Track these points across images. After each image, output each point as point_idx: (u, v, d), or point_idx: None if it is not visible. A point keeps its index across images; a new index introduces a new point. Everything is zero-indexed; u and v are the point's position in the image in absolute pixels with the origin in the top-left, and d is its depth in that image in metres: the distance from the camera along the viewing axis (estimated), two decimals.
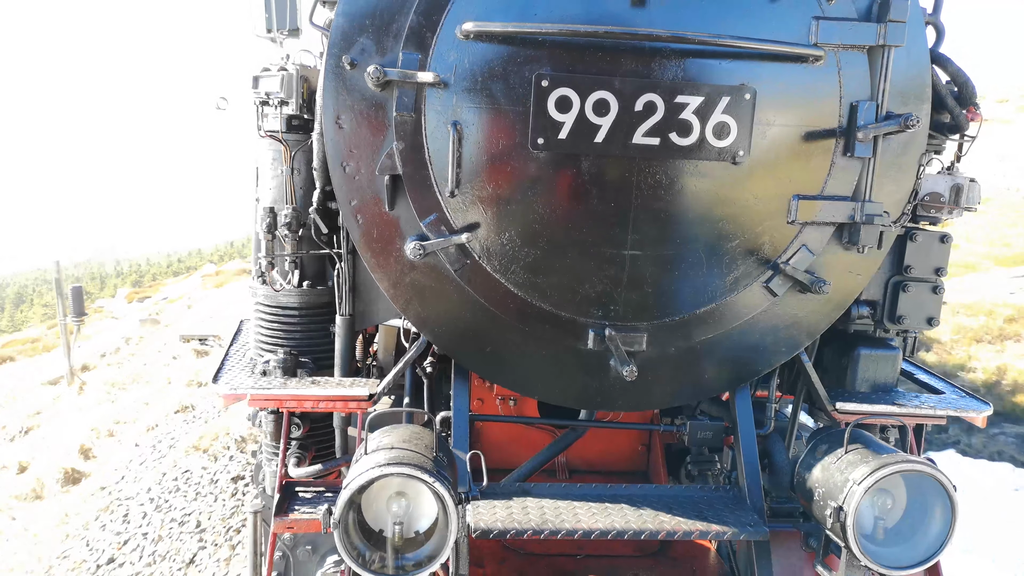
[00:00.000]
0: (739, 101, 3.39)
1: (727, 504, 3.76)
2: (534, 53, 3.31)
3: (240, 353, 4.66)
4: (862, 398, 4.11)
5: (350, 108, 3.44)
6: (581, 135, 3.36)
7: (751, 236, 3.64)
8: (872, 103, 3.52)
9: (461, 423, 3.79)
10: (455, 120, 3.36)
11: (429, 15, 3.33)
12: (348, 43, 3.39)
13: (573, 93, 3.31)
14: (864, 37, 3.49)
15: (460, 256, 3.55)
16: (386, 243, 3.58)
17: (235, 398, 3.82)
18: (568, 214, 3.50)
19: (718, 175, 3.50)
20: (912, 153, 3.70)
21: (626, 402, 3.99)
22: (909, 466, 3.13)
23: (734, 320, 3.79)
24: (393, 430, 3.39)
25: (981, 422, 4.20)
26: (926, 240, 4.20)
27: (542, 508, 3.57)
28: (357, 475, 2.99)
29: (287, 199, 4.03)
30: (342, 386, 3.91)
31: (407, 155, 3.43)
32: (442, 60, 3.34)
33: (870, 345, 4.30)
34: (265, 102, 3.94)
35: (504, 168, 3.44)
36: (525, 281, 3.60)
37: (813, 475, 3.50)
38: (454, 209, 3.49)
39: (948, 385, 4.58)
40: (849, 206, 3.64)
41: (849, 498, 3.14)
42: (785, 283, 3.72)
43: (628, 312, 3.69)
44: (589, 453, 5.14)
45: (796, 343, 3.93)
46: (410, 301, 3.69)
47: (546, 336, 3.72)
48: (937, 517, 3.23)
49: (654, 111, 3.34)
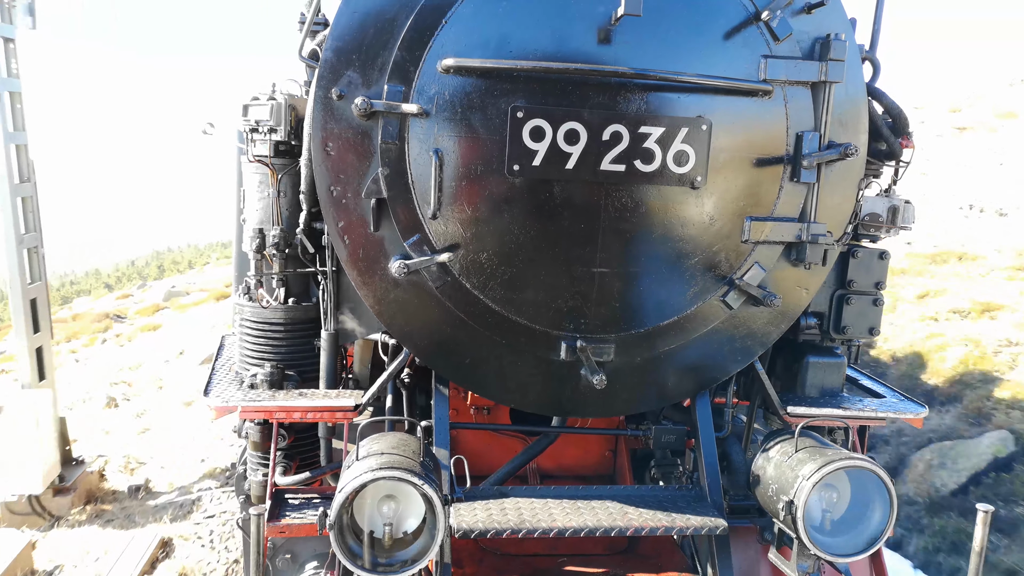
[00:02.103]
0: (697, 131, 3.71)
1: (689, 502, 4.06)
2: (509, 86, 3.59)
3: (225, 368, 4.81)
4: (811, 402, 4.46)
5: (338, 136, 3.66)
6: (553, 162, 3.64)
7: (709, 254, 3.96)
8: (816, 133, 3.88)
9: (442, 430, 4.02)
10: (437, 148, 3.62)
11: (412, 51, 3.59)
12: (336, 76, 3.62)
13: (546, 124, 3.60)
14: (807, 74, 3.85)
15: (441, 274, 3.80)
16: (371, 262, 3.81)
17: (226, 410, 4.00)
18: (541, 235, 3.77)
19: (678, 199, 3.82)
20: (852, 178, 4.07)
21: (596, 409, 4.27)
22: (852, 463, 3.46)
23: (694, 331, 4.10)
24: (381, 437, 3.62)
25: (918, 423, 4.59)
26: (866, 257, 4.57)
27: (519, 509, 3.82)
28: (352, 478, 3.20)
29: (274, 220, 4.23)
30: (328, 397, 4.11)
31: (392, 180, 3.68)
32: (424, 92, 3.60)
33: (818, 353, 4.65)
34: (254, 129, 4.14)
35: (482, 192, 3.70)
36: (502, 297, 3.86)
37: (767, 473, 3.81)
38: (436, 230, 3.74)
39: (889, 390, 4.95)
40: (796, 226, 3.98)
41: (799, 492, 3.46)
42: (740, 297, 4.04)
43: (597, 325, 3.97)
44: (560, 458, 5.40)
45: (750, 352, 4.26)
46: (394, 316, 3.92)
47: (522, 348, 3.98)
48: (878, 509, 3.57)
49: (620, 140, 3.65)
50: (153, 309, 25.74)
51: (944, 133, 23.65)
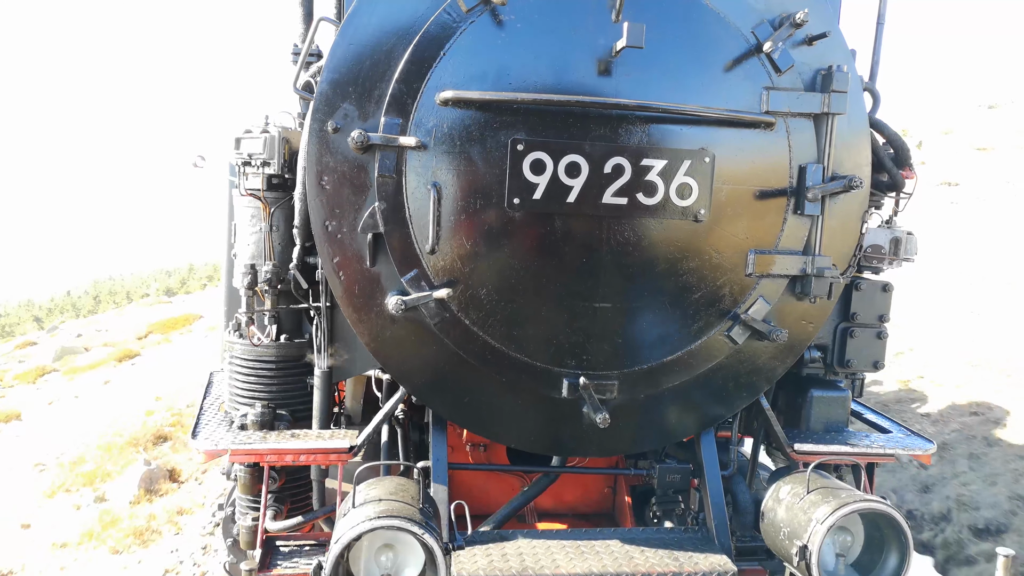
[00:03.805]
0: (699, 164, 3.65)
1: (696, 545, 3.92)
2: (509, 119, 3.52)
3: (214, 407, 4.66)
4: (817, 438, 4.36)
5: (333, 170, 3.57)
6: (554, 195, 3.56)
7: (712, 288, 3.87)
8: (819, 165, 3.82)
9: (441, 472, 3.88)
10: (435, 181, 3.53)
11: (410, 83, 3.52)
12: (331, 108, 3.54)
13: (547, 156, 3.53)
14: (810, 105, 3.81)
15: (440, 310, 3.69)
16: (367, 298, 3.70)
17: (216, 454, 3.84)
18: (542, 270, 3.68)
19: (681, 232, 3.74)
20: (856, 210, 4.01)
21: (599, 448, 4.15)
22: (867, 505, 3.35)
23: (698, 367, 4.00)
24: (379, 483, 3.47)
25: (927, 459, 4.49)
26: (869, 289, 4.51)
27: (521, 555, 3.67)
28: (349, 528, 3.05)
29: (266, 256, 4.11)
30: (322, 439, 3.97)
31: (389, 214, 3.58)
32: (422, 125, 3.52)
33: (822, 387, 4.57)
34: (247, 162, 4.04)
35: (481, 227, 3.61)
36: (502, 333, 3.75)
37: (778, 515, 3.69)
38: (434, 265, 3.64)
39: (894, 424, 4.86)
40: (801, 260, 3.91)
41: (813, 537, 3.35)
42: (744, 332, 3.95)
43: (600, 361, 3.87)
44: (559, 496, 5.26)
45: (756, 388, 4.16)
46: (390, 354, 3.80)
47: (522, 386, 3.87)
48: (894, 552, 3.45)
49: (622, 173, 3.58)
50: (36, 373, 19.33)
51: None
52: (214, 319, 21.75)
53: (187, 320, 24.46)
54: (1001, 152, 22.88)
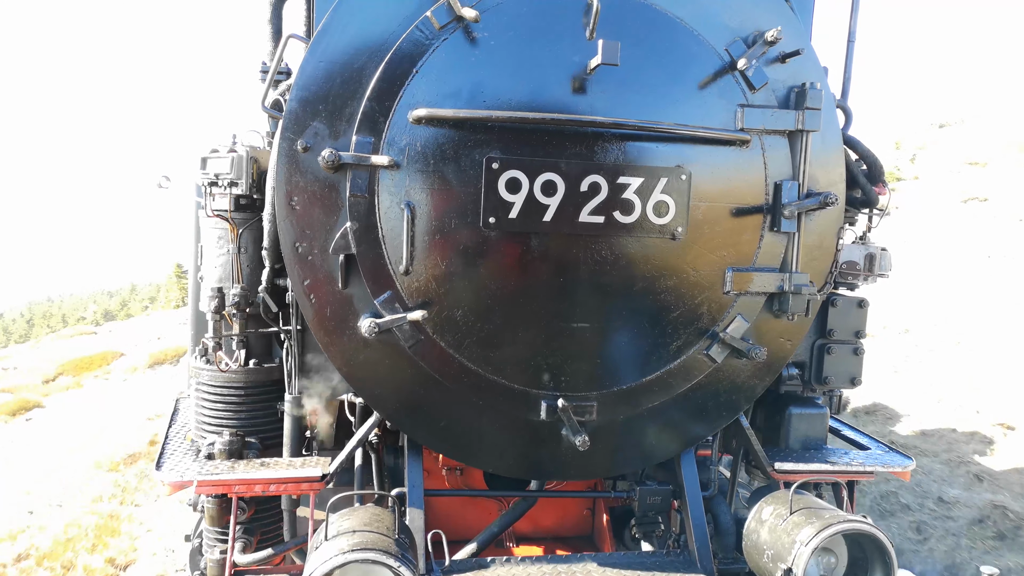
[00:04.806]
0: (676, 181, 3.62)
1: (677, 568, 3.85)
2: (484, 137, 3.46)
3: (180, 436, 4.49)
4: (797, 457, 4.31)
5: (303, 190, 3.47)
6: (531, 214, 3.50)
7: (691, 307, 3.83)
8: (794, 182, 3.81)
9: (417, 499, 3.77)
10: (408, 201, 3.45)
11: (382, 101, 3.44)
12: (301, 127, 3.45)
13: (522, 175, 3.47)
14: (784, 123, 3.80)
15: (414, 332, 3.59)
16: (339, 321, 3.59)
17: (180, 485, 3.69)
18: (519, 290, 3.61)
19: (659, 250, 3.70)
20: (831, 227, 4.01)
21: (578, 471, 4.06)
22: (851, 526, 3.30)
23: (678, 387, 3.94)
24: (353, 512, 3.35)
25: (906, 476, 4.47)
26: (845, 305, 4.51)
27: None
28: (322, 562, 2.93)
29: (234, 278, 3.99)
30: (293, 467, 3.83)
31: (361, 235, 3.48)
32: (395, 143, 3.44)
33: (800, 405, 4.54)
34: (214, 183, 3.92)
35: (456, 246, 3.53)
36: (478, 355, 3.66)
37: (761, 537, 3.63)
38: (408, 287, 3.54)
39: (872, 440, 4.85)
40: (778, 277, 3.89)
41: (797, 560, 3.29)
42: (724, 350, 3.91)
43: (578, 383, 3.79)
44: (537, 520, 5.15)
45: (736, 407, 4.12)
46: (364, 379, 3.68)
47: (499, 409, 3.78)
48: (878, 571, 3.40)
49: (599, 191, 3.53)
50: None
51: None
52: (136, 359, 19.60)
53: (104, 360, 21.07)
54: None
